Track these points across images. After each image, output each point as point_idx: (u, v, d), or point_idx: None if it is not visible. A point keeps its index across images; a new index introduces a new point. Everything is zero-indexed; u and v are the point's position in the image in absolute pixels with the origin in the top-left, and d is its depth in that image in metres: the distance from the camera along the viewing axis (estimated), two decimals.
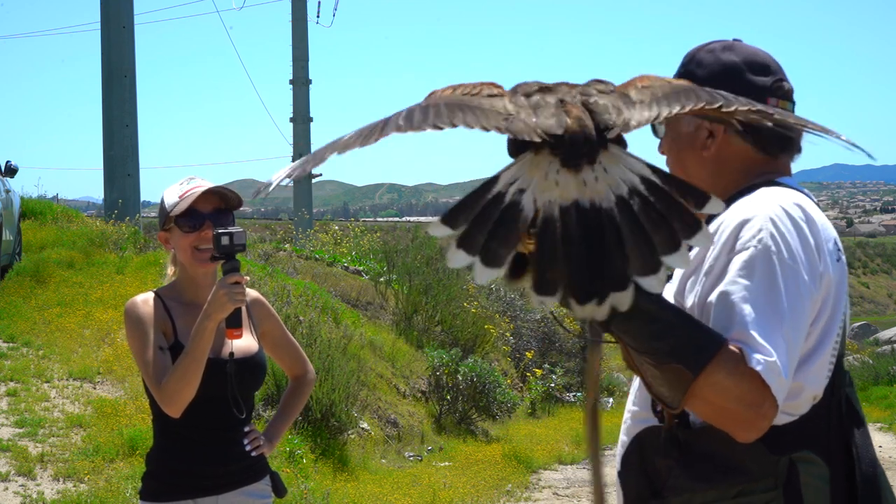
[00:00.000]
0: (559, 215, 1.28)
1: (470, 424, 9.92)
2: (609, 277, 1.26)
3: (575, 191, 1.30)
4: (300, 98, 27.62)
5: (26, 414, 6.32)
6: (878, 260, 69.25)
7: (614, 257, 1.26)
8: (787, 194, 1.61)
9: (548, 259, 1.27)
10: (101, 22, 15.30)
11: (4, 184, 10.11)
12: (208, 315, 2.42)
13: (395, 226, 34.07)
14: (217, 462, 2.57)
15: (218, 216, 2.58)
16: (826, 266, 1.55)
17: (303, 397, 2.84)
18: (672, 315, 1.42)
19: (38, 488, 5.24)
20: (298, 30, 27.91)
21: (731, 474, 1.53)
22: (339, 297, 11.61)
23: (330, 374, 7.57)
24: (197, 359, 2.42)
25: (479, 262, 1.26)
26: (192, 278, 2.62)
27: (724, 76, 1.68)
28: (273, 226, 29.58)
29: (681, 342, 1.42)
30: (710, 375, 1.42)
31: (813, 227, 1.56)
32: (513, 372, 12.77)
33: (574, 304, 1.27)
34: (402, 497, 6.71)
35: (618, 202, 1.29)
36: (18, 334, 7.97)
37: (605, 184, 1.30)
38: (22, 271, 9.54)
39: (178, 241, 2.59)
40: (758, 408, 1.43)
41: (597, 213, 1.28)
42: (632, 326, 1.39)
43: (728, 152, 1.71)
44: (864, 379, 14.83)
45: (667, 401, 1.49)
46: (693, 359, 1.42)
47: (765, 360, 1.42)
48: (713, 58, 1.72)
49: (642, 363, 1.47)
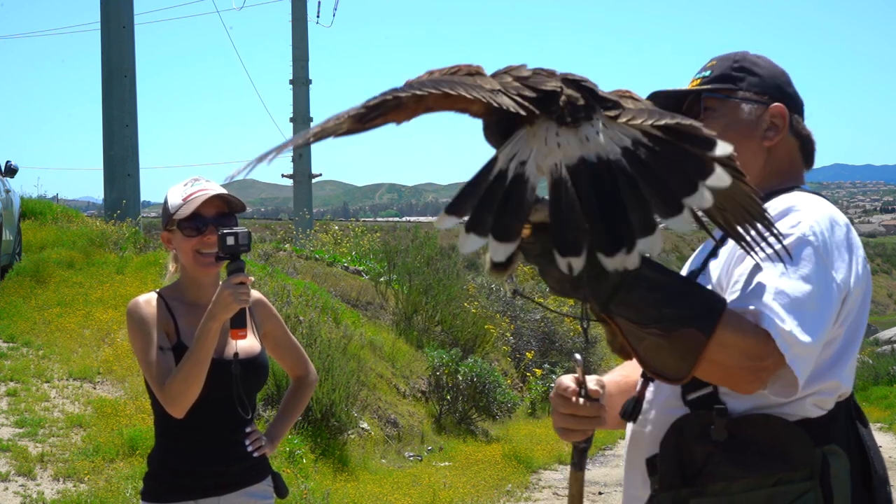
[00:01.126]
0: (568, 175, 1.26)
1: (470, 424, 9.92)
2: (635, 223, 1.23)
3: (578, 148, 1.28)
4: (300, 98, 27.61)
5: (26, 414, 6.32)
6: (878, 260, 69.31)
7: (634, 203, 1.24)
8: (825, 202, 1.67)
9: (566, 219, 1.24)
10: (101, 22, 15.29)
11: (4, 184, 10.11)
12: (213, 315, 2.42)
13: (395, 226, 34.06)
14: (219, 463, 2.57)
15: (221, 220, 2.58)
16: (859, 270, 1.60)
17: (304, 398, 2.84)
18: (674, 280, 1.42)
19: (38, 488, 5.24)
20: (298, 30, 27.90)
21: (772, 462, 1.55)
22: (339, 297, 11.61)
23: (330, 374, 7.58)
24: (201, 360, 2.42)
25: (492, 240, 1.24)
26: (195, 279, 2.62)
27: (781, 79, 1.80)
28: (273, 226, 29.58)
29: (689, 304, 1.42)
30: (718, 335, 1.43)
31: (850, 232, 1.62)
32: (513, 372, 12.77)
33: (603, 257, 1.24)
34: (402, 497, 6.71)
35: (624, 152, 1.27)
36: (18, 334, 7.97)
37: (608, 137, 1.29)
38: (22, 271, 9.54)
39: (180, 244, 2.59)
40: (760, 360, 1.45)
41: (606, 165, 1.26)
42: (635, 296, 1.37)
43: (782, 149, 1.77)
44: (864, 379, 14.85)
45: (670, 374, 1.47)
46: (705, 320, 1.42)
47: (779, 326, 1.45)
48: (766, 62, 1.81)
49: (643, 339, 1.44)
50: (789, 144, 1.78)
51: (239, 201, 2.64)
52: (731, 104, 1.77)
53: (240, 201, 2.64)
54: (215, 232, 2.53)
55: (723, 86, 1.78)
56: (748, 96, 1.77)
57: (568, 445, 1.85)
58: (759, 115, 1.76)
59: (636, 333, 1.45)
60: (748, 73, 1.78)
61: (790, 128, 1.77)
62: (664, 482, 1.64)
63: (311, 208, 27.11)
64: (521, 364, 13.00)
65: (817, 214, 1.59)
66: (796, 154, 1.79)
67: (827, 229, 1.57)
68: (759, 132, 1.76)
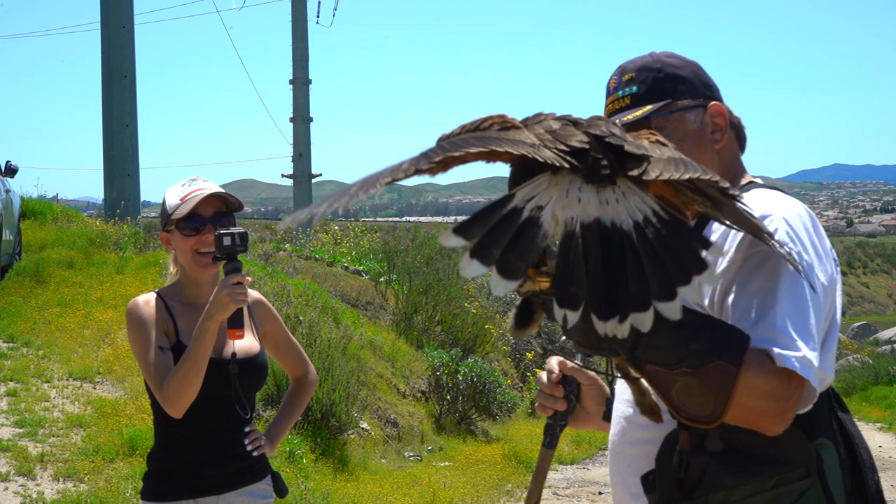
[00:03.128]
0: (581, 231, 1.29)
1: (470, 424, 9.92)
2: (631, 296, 1.27)
3: (597, 208, 1.31)
4: (300, 98, 27.62)
5: (26, 414, 6.32)
6: (878, 260, 69.23)
7: (635, 277, 1.27)
8: (789, 197, 1.65)
9: (571, 273, 1.28)
10: (101, 22, 15.29)
11: (4, 184, 10.11)
12: (210, 315, 2.42)
13: (395, 226, 34.06)
14: (218, 462, 2.57)
15: (219, 219, 2.59)
16: (832, 265, 1.61)
17: (305, 398, 2.85)
18: (694, 317, 1.41)
19: (38, 488, 5.24)
20: (298, 30, 27.91)
21: (769, 465, 1.55)
22: (339, 297, 11.61)
23: (330, 374, 7.58)
24: (199, 360, 2.42)
25: (495, 273, 1.26)
26: (193, 278, 2.63)
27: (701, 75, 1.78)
28: (273, 226, 29.55)
29: (713, 337, 1.42)
30: (744, 375, 1.42)
31: (817, 229, 1.60)
32: (513, 372, 12.77)
33: (596, 319, 1.27)
34: (402, 497, 6.71)
35: (635, 226, 1.30)
36: (18, 334, 7.97)
37: (624, 207, 1.32)
38: (22, 271, 9.54)
39: (178, 244, 2.60)
40: (785, 401, 1.46)
41: (618, 233, 1.29)
42: (661, 337, 1.37)
43: (726, 146, 1.77)
44: (865, 379, 14.83)
45: (704, 415, 1.46)
46: (732, 350, 1.42)
47: (795, 357, 1.45)
48: (682, 60, 1.78)
49: (674, 383, 1.45)
50: (730, 139, 1.77)
51: (236, 200, 2.64)
52: (675, 117, 1.74)
53: (237, 200, 2.64)
54: (213, 231, 2.54)
55: (662, 102, 1.75)
56: (687, 104, 1.74)
57: (568, 446, 1.87)
58: (701, 118, 1.74)
59: (666, 378, 1.45)
60: (676, 77, 1.75)
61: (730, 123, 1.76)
62: (663, 498, 1.63)
63: None
64: (521, 364, 13.00)
65: (790, 217, 1.58)
66: (734, 144, 1.78)
67: (802, 230, 1.57)
68: (707, 137, 1.74)
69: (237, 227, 2.56)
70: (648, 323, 1.27)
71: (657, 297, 1.27)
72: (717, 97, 1.78)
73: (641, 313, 1.27)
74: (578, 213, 1.31)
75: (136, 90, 15.23)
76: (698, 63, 1.81)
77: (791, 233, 1.55)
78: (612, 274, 1.27)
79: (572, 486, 8.03)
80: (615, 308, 1.27)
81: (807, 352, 1.46)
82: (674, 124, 1.74)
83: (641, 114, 1.74)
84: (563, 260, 1.29)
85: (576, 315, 1.28)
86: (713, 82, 1.80)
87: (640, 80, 1.77)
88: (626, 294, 1.27)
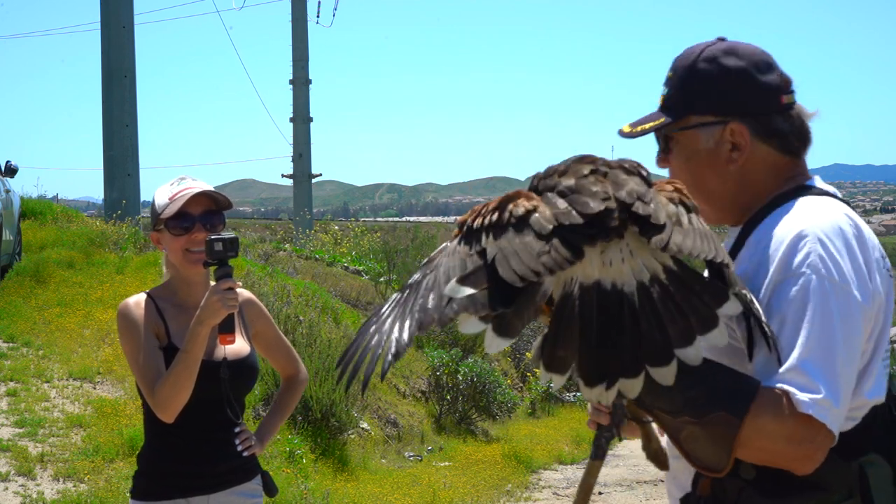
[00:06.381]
0: (578, 293, 1.29)
1: (470, 424, 9.92)
2: (621, 363, 1.26)
3: (598, 270, 1.30)
4: (300, 98, 27.62)
5: (26, 414, 6.32)
6: None
7: (628, 343, 1.26)
8: (834, 207, 1.58)
9: (562, 336, 1.27)
10: (101, 22, 15.29)
11: (4, 184, 10.11)
12: (201, 321, 2.42)
13: (395, 226, 34.03)
14: (209, 462, 2.57)
15: (208, 217, 2.58)
16: (876, 281, 1.53)
17: (295, 397, 2.84)
18: (702, 364, 1.36)
19: (38, 488, 5.24)
20: (298, 30, 27.90)
21: (806, 490, 1.49)
22: (339, 297, 11.61)
23: (330, 374, 7.57)
24: (190, 365, 2.42)
25: (490, 331, 1.27)
26: (185, 278, 2.62)
27: (736, 83, 1.65)
28: (273, 226, 29.56)
29: (719, 387, 1.39)
30: (755, 420, 1.40)
31: (862, 242, 1.54)
32: (513, 372, 12.76)
33: (582, 385, 1.27)
34: (402, 497, 6.71)
35: (639, 287, 1.29)
36: (18, 334, 7.97)
37: (629, 266, 1.30)
38: (22, 271, 9.53)
39: (169, 243, 2.59)
40: (810, 442, 1.41)
41: (618, 296, 1.28)
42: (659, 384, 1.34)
43: (755, 161, 1.66)
44: None
45: (712, 464, 1.44)
46: (735, 402, 1.39)
47: (812, 400, 1.40)
48: (717, 67, 1.66)
49: (681, 430, 1.43)
50: (762, 151, 1.66)
51: (225, 198, 2.63)
52: (687, 134, 1.68)
53: (226, 198, 2.63)
54: (203, 230, 2.54)
55: (675, 117, 1.68)
56: (701, 121, 1.66)
57: (568, 446, 1.85)
58: (717, 138, 1.66)
59: (674, 425, 1.43)
60: (698, 90, 1.66)
61: (757, 136, 1.65)
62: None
63: (311, 208, 27.11)
64: (521, 364, 12.99)
65: (827, 235, 1.50)
66: (773, 156, 1.66)
67: (837, 249, 1.49)
68: (722, 156, 1.66)
69: (228, 231, 2.56)
70: (637, 389, 1.27)
71: (651, 363, 1.27)
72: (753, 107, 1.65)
73: (630, 379, 1.27)
74: (578, 275, 1.29)
75: (136, 90, 15.24)
76: (761, 61, 1.67)
77: (825, 258, 1.47)
78: (606, 340, 1.26)
79: (572, 486, 8.03)
80: (603, 376, 1.27)
81: (827, 393, 1.40)
82: (686, 140, 1.69)
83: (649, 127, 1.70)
84: (555, 322, 1.28)
85: (563, 378, 1.28)
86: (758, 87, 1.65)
87: (672, 83, 1.71)
88: (617, 361, 1.26)
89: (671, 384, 1.29)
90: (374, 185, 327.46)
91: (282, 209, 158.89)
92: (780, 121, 1.66)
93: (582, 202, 1.33)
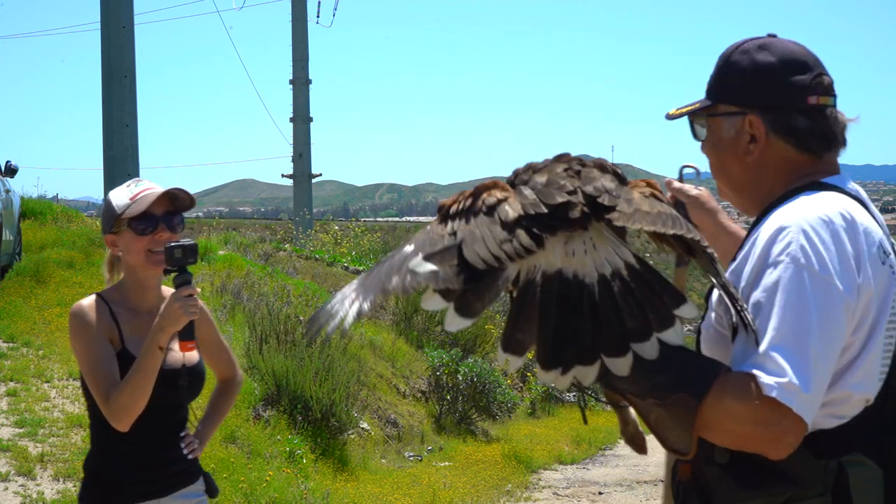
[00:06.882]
0: (541, 281, 1.35)
1: (470, 424, 9.92)
2: (578, 350, 1.31)
3: (561, 260, 1.36)
4: (300, 98, 27.61)
5: (26, 414, 6.32)
6: None
7: (586, 331, 1.31)
8: (829, 199, 1.59)
9: (521, 320, 1.33)
10: (101, 22, 15.28)
11: (4, 184, 10.11)
12: (161, 328, 2.38)
13: (395, 226, 34.04)
14: (160, 467, 2.55)
15: (170, 218, 2.55)
16: (867, 274, 1.52)
17: (232, 399, 2.84)
18: (666, 348, 1.41)
19: (38, 488, 5.24)
20: (298, 30, 27.89)
21: (778, 482, 1.51)
22: None
23: (330, 374, 7.57)
24: (148, 374, 2.38)
25: (452, 310, 1.33)
26: (140, 281, 2.57)
27: (762, 77, 1.68)
28: (273, 226, 29.55)
29: (682, 371, 1.43)
30: (719, 402, 1.43)
31: (853, 234, 1.53)
32: (512, 372, 12.77)
33: (538, 368, 1.33)
34: (402, 497, 6.71)
35: (600, 280, 1.34)
36: (18, 334, 7.97)
37: (591, 259, 1.36)
38: (22, 271, 9.54)
39: (129, 244, 2.54)
40: (776, 425, 1.43)
41: (578, 286, 1.34)
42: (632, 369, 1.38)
43: (772, 155, 1.70)
44: None
45: (678, 446, 1.48)
46: (696, 384, 1.43)
47: (777, 383, 1.42)
48: (749, 59, 1.70)
49: (650, 412, 1.47)
50: (778, 147, 1.69)
51: (188, 197, 2.60)
52: (714, 120, 1.75)
53: (189, 196, 2.60)
54: (166, 229, 2.52)
55: (704, 103, 1.76)
56: (725, 110, 1.72)
57: (568, 446, 1.88)
58: (738, 128, 1.71)
59: (644, 408, 1.47)
60: (727, 80, 1.72)
61: (774, 131, 1.68)
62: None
63: (311, 208, 27.10)
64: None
65: (811, 226, 1.52)
66: (791, 154, 1.68)
67: (821, 241, 1.50)
68: (741, 147, 1.71)
69: (187, 238, 2.53)
70: (592, 377, 1.32)
71: (607, 352, 1.31)
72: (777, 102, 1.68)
73: (586, 367, 1.32)
74: (542, 263, 1.35)
75: (136, 90, 15.22)
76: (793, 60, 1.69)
77: (806, 247, 1.49)
78: (564, 327, 1.31)
79: (572, 486, 8.03)
80: (559, 361, 1.32)
81: (794, 378, 1.41)
82: (713, 125, 1.75)
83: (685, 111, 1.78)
84: (516, 306, 1.34)
85: (519, 361, 1.33)
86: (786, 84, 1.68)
87: (713, 71, 1.77)
88: (574, 348, 1.31)
89: (626, 375, 1.35)
90: (374, 185, 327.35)
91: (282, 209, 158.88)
92: (801, 119, 1.68)
93: (548, 194, 1.40)
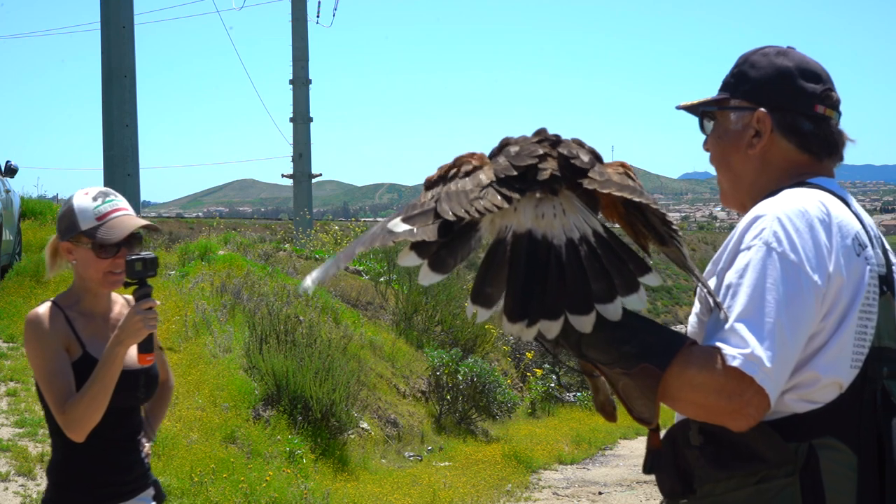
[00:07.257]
0: (511, 239, 1.42)
1: (470, 424, 9.92)
2: (543, 305, 1.38)
3: (531, 221, 1.43)
4: (300, 98, 27.63)
5: (26, 414, 6.32)
6: None
7: (552, 288, 1.38)
8: (808, 194, 1.65)
9: (491, 275, 1.41)
10: (101, 22, 15.31)
11: (4, 184, 10.11)
12: (120, 341, 2.38)
13: None
14: (122, 471, 2.55)
15: (131, 241, 2.55)
16: (839, 263, 1.58)
17: (167, 402, 2.84)
18: (634, 320, 1.48)
19: (38, 488, 5.24)
20: (298, 30, 27.91)
21: (751, 462, 1.57)
22: (339, 297, 11.61)
23: (330, 374, 7.57)
24: (107, 385, 2.38)
25: (426, 266, 1.40)
26: (92, 290, 2.58)
27: (776, 79, 1.78)
28: (273, 226, 29.54)
29: (647, 342, 1.49)
30: (682, 372, 1.49)
31: (827, 225, 1.60)
32: (513, 372, 12.77)
33: (505, 320, 1.39)
34: (402, 497, 6.71)
35: (568, 243, 1.41)
36: (18, 334, 7.97)
37: (560, 223, 1.43)
38: (22, 271, 9.54)
39: (88, 261, 2.55)
40: (739, 396, 1.49)
41: (546, 246, 1.41)
42: (597, 337, 1.45)
43: (774, 152, 1.78)
44: None
45: (644, 416, 1.56)
46: (661, 355, 1.49)
47: (741, 354, 1.49)
48: (767, 61, 1.80)
49: (618, 381, 1.54)
50: (781, 145, 1.77)
51: (153, 227, 2.63)
52: (723, 114, 1.83)
53: (154, 226, 2.63)
54: (126, 254, 2.51)
55: (718, 96, 1.84)
56: (737, 104, 1.80)
57: (568, 446, 1.90)
58: (745, 122, 1.79)
59: (611, 377, 1.55)
60: (743, 77, 1.81)
61: (779, 129, 1.76)
62: (664, 490, 1.68)
63: (311, 208, 27.12)
64: (521, 364, 12.99)
65: (786, 215, 1.59)
66: (792, 153, 1.77)
67: (795, 230, 1.57)
68: (745, 140, 1.79)
69: (147, 251, 2.53)
70: (555, 330, 1.38)
71: (571, 310, 1.38)
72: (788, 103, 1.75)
73: (550, 321, 1.38)
74: (513, 223, 1.42)
75: (136, 90, 15.25)
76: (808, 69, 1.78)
77: (779, 233, 1.57)
78: (532, 283, 1.38)
79: (572, 486, 8.04)
80: (525, 314, 1.38)
81: (758, 350, 1.48)
82: (721, 118, 1.83)
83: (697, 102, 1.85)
84: (486, 262, 1.42)
85: (487, 313, 1.40)
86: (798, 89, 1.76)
87: (732, 69, 1.85)
88: (540, 303, 1.38)
89: (588, 332, 1.42)
90: (374, 185, 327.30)
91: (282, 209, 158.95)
92: (807, 123, 1.77)
93: (519, 157, 1.48)
